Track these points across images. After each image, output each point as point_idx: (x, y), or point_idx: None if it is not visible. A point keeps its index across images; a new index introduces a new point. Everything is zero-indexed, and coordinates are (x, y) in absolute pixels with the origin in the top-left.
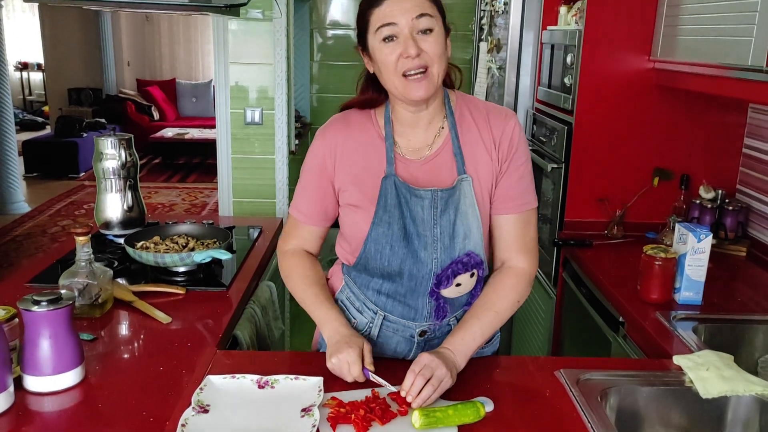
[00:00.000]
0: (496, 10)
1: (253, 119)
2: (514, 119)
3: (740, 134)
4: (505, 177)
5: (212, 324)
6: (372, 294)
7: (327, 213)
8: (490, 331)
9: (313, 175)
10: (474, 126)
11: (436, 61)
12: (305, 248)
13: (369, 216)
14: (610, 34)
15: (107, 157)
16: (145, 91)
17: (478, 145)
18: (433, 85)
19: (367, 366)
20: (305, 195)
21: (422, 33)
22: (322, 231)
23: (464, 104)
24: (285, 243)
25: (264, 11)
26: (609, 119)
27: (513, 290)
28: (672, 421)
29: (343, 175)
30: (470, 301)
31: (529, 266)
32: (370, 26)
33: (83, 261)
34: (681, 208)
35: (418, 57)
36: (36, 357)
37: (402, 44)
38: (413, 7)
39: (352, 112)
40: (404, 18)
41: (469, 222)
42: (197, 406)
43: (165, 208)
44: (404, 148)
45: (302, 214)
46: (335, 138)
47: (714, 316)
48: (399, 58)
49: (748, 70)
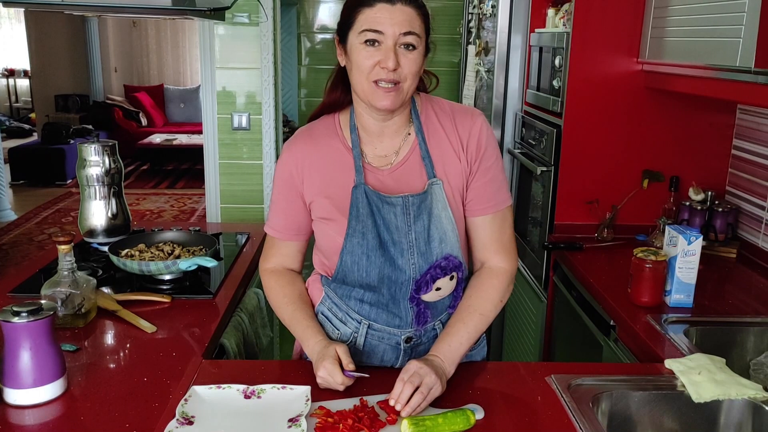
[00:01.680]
0: (483, 13)
1: (240, 124)
2: (480, 118)
3: (729, 135)
4: (476, 178)
5: (198, 332)
6: (354, 304)
7: (301, 227)
8: (476, 334)
9: (283, 190)
10: (440, 128)
11: (409, 78)
12: (285, 265)
13: (342, 227)
14: (598, 37)
15: (91, 164)
16: (132, 97)
17: (446, 147)
18: (400, 99)
19: (345, 367)
20: (278, 211)
21: (404, 47)
22: (300, 245)
23: (430, 106)
24: (265, 262)
25: (250, 15)
26: (598, 121)
27: (495, 290)
28: (664, 426)
29: (311, 188)
30: (453, 304)
31: (508, 265)
32: (356, 25)
33: (66, 270)
34: (671, 210)
35: (394, 71)
36: (16, 369)
37: (383, 53)
38: (403, 22)
39: (316, 124)
40: (392, 29)
41: (443, 225)
42: (181, 418)
43: (153, 214)
44: (371, 156)
45: (277, 231)
46: (301, 152)
47: (705, 318)
48: (375, 66)
49: (735, 71)
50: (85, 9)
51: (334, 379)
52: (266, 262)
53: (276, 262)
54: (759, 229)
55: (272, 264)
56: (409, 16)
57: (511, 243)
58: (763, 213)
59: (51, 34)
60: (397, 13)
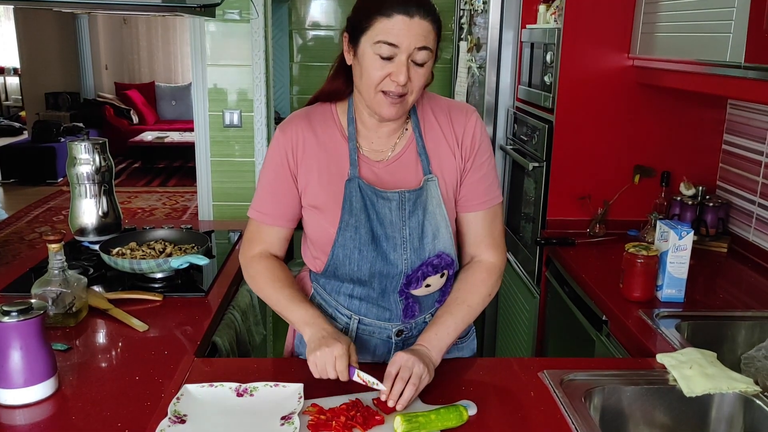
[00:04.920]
0: (475, 9)
1: (231, 122)
2: (475, 115)
3: (719, 130)
4: (469, 174)
5: (190, 331)
6: (344, 299)
7: (289, 213)
8: (463, 325)
9: (276, 172)
10: (436, 124)
11: (416, 92)
12: (271, 252)
13: (335, 218)
14: (589, 32)
15: (81, 162)
16: (123, 94)
17: (442, 143)
18: (404, 110)
19: (353, 364)
20: (266, 194)
21: (415, 64)
22: (286, 233)
23: (426, 103)
24: (249, 249)
25: (241, 12)
26: (589, 117)
27: (484, 284)
28: (656, 420)
29: (306, 173)
30: (441, 298)
31: (498, 260)
32: (370, 32)
33: (56, 269)
34: (662, 205)
35: (404, 85)
36: (7, 369)
37: (395, 66)
38: (419, 36)
39: (313, 109)
40: (407, 42)
41: (437, 222)
42: (174, 417)
43: (145, 212)
44: (367, 149)
45: (266, 214)
46: (296, 133)
47: (696, 313)
48: (386, 78)
49: (726, 66)
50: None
51: (338, 362)
52: (250, 250)
53: (261, 249)
54: (749, 223)
55: (257, 251)
56: (425, 30)
57: (501, 238)
58: (753, 207)
59: (41, 32)
60: (414, 27)
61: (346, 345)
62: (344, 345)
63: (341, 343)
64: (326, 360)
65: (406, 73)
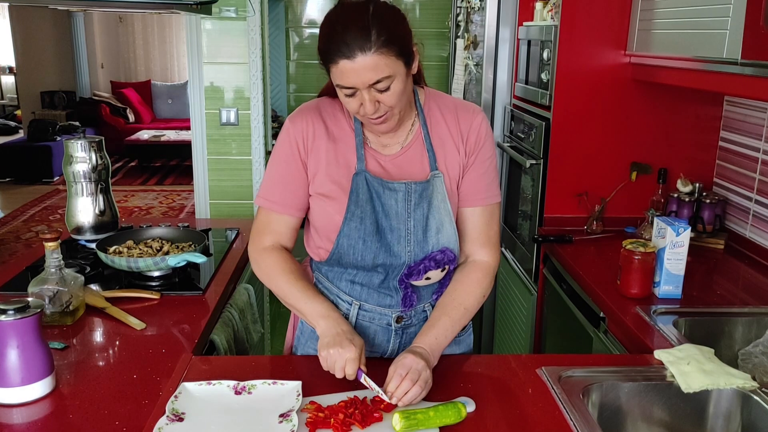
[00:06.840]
0: (472, 6)
1: (228, 120)
2: (481, 114)
3: (716, 127)
4: (471, 170)
5: (188, 329)
6: (346, 285)
7: (301, 201)
8: (459, 327)
9: (287, 162)
10: (443, 122)
11: (396, 106)
12: (282, 243)
13: (342, 207)
14: (586, 29)
15: (77, 161)
16: (119, 93)
17: (448, 140)
18: (395, 121)
19: (361, 367)
20: (277, 184)
21: (379, 92)
22: (296, 222)
23: (433, 101)
24: (259, 241)
25: (237, 10)
26: (586, 114)
27: (479, 285)
28: (654, 417)
29: (315, 161)
30: (439, 290)
31: (492, 260)
32: (330, 74)
33: (53, 267)
34: (659, 202)
35: (377, 110)
36: (4, 368)
37: (360, 99)
38: (368, 73)
39: (323, 101)
40: (360, 81)
41: (441, 216)
42: (172, 415)
43: (142, 211)
44: (374, 142)
45: (277, 203)
46: (306, 123)
47: (694, 309)
48: (359, 108)
49: (722, 63)
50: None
51: (348, 366)
52: (261, 242)
53: (272, 240)
54: (746, 220)
55: (269, 242)
56: (373, 64)
57: (497, 239)
58: (750, 204)
59: (36, 30)
60: (358, 68)
61: (359, 348)
62: (357, 348)
63: (355, 347)
64: (337, 360)
65: (371, 105)
